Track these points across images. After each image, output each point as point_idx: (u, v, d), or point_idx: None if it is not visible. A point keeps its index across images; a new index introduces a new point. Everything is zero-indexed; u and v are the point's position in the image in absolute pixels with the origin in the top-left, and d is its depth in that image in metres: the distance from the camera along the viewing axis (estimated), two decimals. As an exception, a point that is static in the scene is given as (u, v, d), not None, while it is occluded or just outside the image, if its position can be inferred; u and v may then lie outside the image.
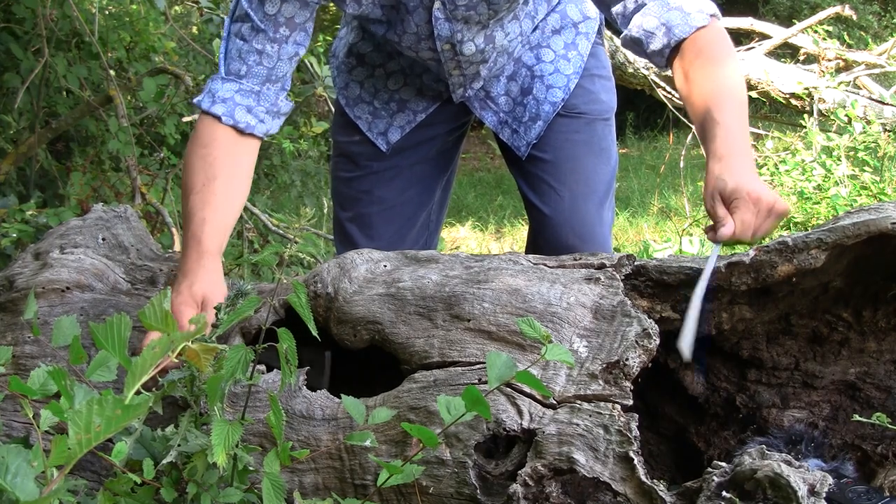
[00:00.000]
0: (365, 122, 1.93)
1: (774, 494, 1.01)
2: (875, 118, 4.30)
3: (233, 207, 1.57)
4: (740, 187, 1.33)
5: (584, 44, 1.89)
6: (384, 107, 1.92)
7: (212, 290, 1.45)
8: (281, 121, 1.65)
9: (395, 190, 1.97)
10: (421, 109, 1.91)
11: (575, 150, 1.90)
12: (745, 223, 1.31)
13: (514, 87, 1.88)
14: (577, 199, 1.90)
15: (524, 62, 1.87)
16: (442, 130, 1.96)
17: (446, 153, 2.02)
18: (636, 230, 5.51)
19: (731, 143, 1.39)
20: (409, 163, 1.96)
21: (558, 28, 1.87)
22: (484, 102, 1.89)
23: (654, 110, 8.27)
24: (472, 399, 1.06)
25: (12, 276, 1.64)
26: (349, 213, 2.01)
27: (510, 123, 1.90)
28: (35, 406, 1.17)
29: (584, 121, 1.91)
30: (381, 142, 1.93)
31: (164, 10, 3.67)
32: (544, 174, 1.91)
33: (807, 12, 8.33)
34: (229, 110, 1.56)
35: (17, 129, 3.69)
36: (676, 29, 1.50)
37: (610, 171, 1.97)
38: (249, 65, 1.57)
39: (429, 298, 1.37)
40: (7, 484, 0.78)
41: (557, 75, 1.87)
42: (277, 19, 1.54)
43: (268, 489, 1.09)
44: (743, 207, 1.32)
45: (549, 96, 1.87)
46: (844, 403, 1.39)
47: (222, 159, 1.56)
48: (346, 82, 1.94)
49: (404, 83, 1.90)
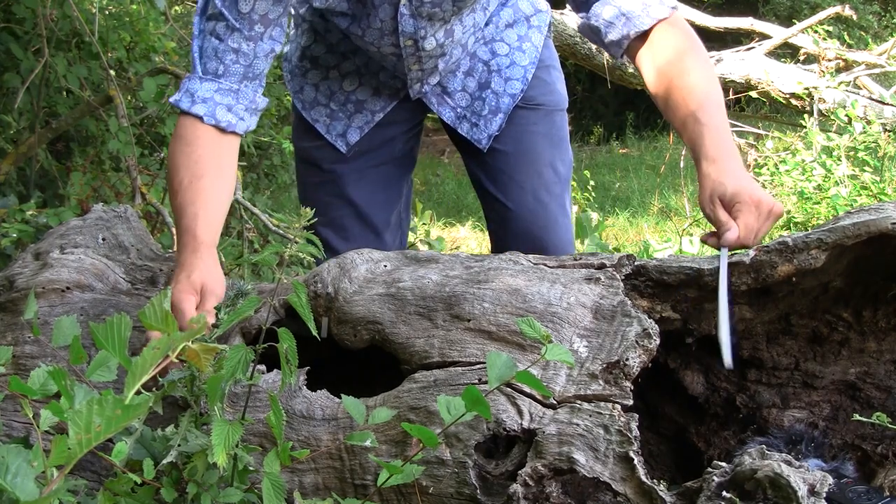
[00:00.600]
0: (323, 125, 1.93)
1: (774, 494, 1.01)
2: (875, 118, 4.31)
3: (222, 203, 1.57)
4: (741, 191, 1.32)
5: (538, 36, 1.92)
6: (341, 108, 1.92)
7: (210, 279, 1.45)
8: (258, 117, 1.66)
9: (364, 192, 1.97)
10: (378, 109, 1.92)
11: (535, 142, 1.92)
12: (749, 227, 1.31)
13: (470, 82, 1.89)
14: (539, 191, 1.92)
15: (479, 57, 1.88)
16: (401, 129, 1.97)
17: (407, 153, 2.03)
18: (636, 230, 5.51)
19: (720, 144, 1.39)
20: (373, 164, 1.97)
21: (511, 22, 1.89)
22: (441, 98, 1.90)
23: (654, 110, 8.24)
24: (472, 399, 1.06)
25: (12, 276, 1.64)
26: (322, 219, 1.99)
27: (469, 118, 1.91)
28: (35, 406, 1.17)
29: (542, 112, 1.92)
30: (341, 143, 1.93)
31: (164, 10, 3.67)
32: (505, 167, 1.92)
33: (807, 12, 8.34)
34: (210, 110, 1.56)
35: (17, 129, 3.69)
36: (637, 20, 1.50)
37: (568, 161, 2.00)
38: (226, 64, 1.57)
39: (429, 298, 1.37)
40: (7, 484, 0.78)
41: (514, 67, 1.89)
42: (252, 17, 1.54)
43: (268, 489, 1.09)
44: (746, 211, 1.31)
45: (508, 88, 1.88)
46: (844, 403, 1.39)
47: (207, 157, 1.56)
48: (301, 86, 1.94)
49: (360, 83, 1.90)
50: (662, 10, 1.50)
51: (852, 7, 5.54)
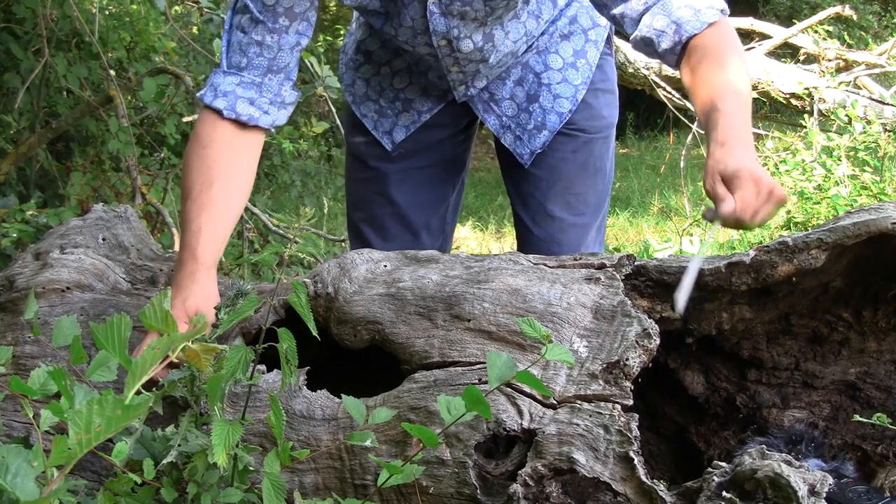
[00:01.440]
0: (371, 121, 1.93)
1: (774, 494, 1.01)
2: (875, 118, 4.30)
3: (230, 213, 1.57)
4: (741, 168, 1.31)
5: (593, 52, 1.88)
6: (390, 105, 1.91)
7: (205, 305, 1.46)
8: (288, 111, 1.64)
9: (406, 193, 1.96)
10: (426, 109, 1.91)
11: (569, 172, 1.90)
12: (746, 201, 1.29)
13: (520, 92, 1.87)
14: (567, 222, 1.91)
15: (531, 67, 1.86)
16: (448, 133, 1.96)
17: (456, 156, 2.01)
18: (636, 230, 5.51)
19: (733, 130, 1.38)
20: (419, 165, 1.96)
21: (567, 34, 1.86)
22: (487, 105, 1.89)
23: (654, 110, 8.27)
24: (472, 399, 1.06)
25: (12, 276, 1.64)
26: (362, 214, 2.01)
27: (513, 129, 1.89)
28: (35, 406, 1.17)
29: (582, 140, 1.90)
30: (387, 141, 1.93)
31: (164, 10, 3.67)
32: (537, 192, 1.91)
33: (807, 12, 8.34)
34: (230, 104, 1.56)
35: (17, 129, 3.69)
36: (687, 25, 1.49)
37: (603, 191, 1.98)
38: (250, 56, 1.57)
39: (429, 298, 1.37)
40: (7, 484, 0.78)
41: (565, 85, 1.86)
42: (276, 9, 1.54)
43: (268, 489, 1.09)
44: (744, 186, 1.30)
45: (556, 106, 1.86)
46: (844, 403, 1.39)
47: (220, 161, 1.55)
48: (353, 79, 1.94)
49: (409, 82, 1.89)
50: (713, 15, 1.50)
51: (852, 7, 5.54)
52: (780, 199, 1.32)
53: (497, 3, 1.62)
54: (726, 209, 1.28)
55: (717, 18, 1.50)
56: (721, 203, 1.29)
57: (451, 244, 2.15)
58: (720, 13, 1.51)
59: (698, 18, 1.49)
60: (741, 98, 1.44)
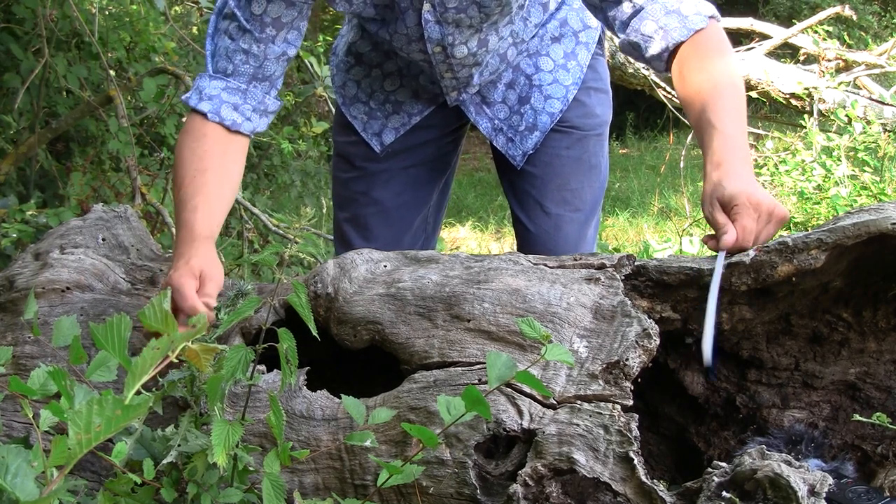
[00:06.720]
0: (360, 122, 1.93)
1: (774, 494, 1.01)
2: (875, 118, 4.30)
3: (224, 198, 1.57)
4: (739, 193, 1.32)
5: (584, 54, 1.88)
6: (379, 107, 1.92)
7: (208, 265, 1.45)
8: (269, 119, 1.65)
9: (390, 192, 1.97)
10: (416, 112, 1.91)
11: (564, 168, 1.90)
12: (747, 230, 1.31)
13: (511, 94, 1.87)
14: (562, 218, 1.92)
15: (522, 70, 1.86)
16: (437, 134, 1.96)
17: (443, 157, 2.02)
18: (636, 230, 5.51)
19: (729, 148, 1.39)
20: (404, 165, 1.96)
21: (557, 36, 1.86)
22: (479, 108, 1.89)
23: (654, 110, 8.28)
24: (472, 399, 1.06)
25: (12, 276, 1.64)
26: (346, 214, 2.01)
27: (505, 131, 1.89)
28: (35, 406, 1.17)
29: (575, 136, 1.90)
30: (376, 142, 1.93)
31: (164, 10, 3.67)
32: (532, 189, 1.92)
33: (807, 12, 8.34)
34: (215, 107, 1.56)
35: (17, 129, 3.69)
36: (674, 32, 1.50)
37: (598, 188, 1.98)
38: (236, 63, 1.57)
39: (429, 298, 1.37)
40: (7, 484, 0.78)
41: (556, 86, 1.86)
42: (263, 19, 1.54)
43: (268, 489, 1.09)
44: (743, 213, 1.31)
45: (547, 107, 1.86)
46: (844, 403, 1.39)
47: (213, 152, 1.56)
48: (344, 81, 1.94)
49: (400, 84, 1.89)
50: (700, 21, 1.50)
51: (852, 7, 5.54)
52: (781, 219, 1.33)
53: (492, 9, 1.62)
54: (728, 241, 1.30)
55: (704, 25, 1.50)
56: (722, 235, 1.30)
57: (434, 243, 2.16)
58: (708, 19, 1.51)
59: (685, 25, 1.50)
60: (732, 106, 1.44)
